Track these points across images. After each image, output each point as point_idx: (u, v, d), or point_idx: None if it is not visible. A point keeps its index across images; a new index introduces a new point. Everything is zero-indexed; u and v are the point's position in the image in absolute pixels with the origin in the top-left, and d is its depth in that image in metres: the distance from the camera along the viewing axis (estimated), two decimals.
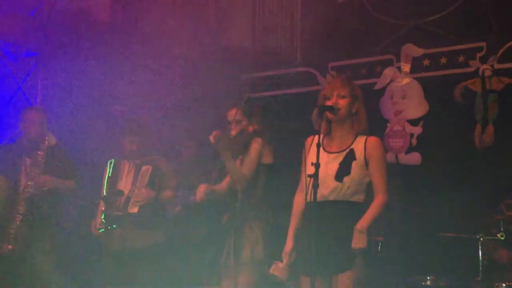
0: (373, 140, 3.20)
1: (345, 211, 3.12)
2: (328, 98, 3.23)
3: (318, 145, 3.12)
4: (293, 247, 3.23)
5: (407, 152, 5.00)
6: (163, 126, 4.94)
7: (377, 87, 5.21)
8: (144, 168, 4.21)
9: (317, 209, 3.08)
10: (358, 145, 3.17)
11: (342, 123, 3.23)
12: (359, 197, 3.16)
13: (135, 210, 4.03)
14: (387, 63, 5.22)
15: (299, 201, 3.30)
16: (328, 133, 3.27)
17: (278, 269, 3.16)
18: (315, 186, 3.04)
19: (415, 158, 4.94)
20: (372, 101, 5.17)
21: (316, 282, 2.92)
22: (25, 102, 5.37)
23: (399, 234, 4.49)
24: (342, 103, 3.20)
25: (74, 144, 4.81)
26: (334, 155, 3.19)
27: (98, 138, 5.07)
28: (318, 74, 5.59)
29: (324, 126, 3.22)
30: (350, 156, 3.16)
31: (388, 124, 5.11)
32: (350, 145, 3.18)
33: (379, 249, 4.10)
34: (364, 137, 3.21)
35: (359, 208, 3.14)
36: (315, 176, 3.05)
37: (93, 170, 4.60)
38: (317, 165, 3.06)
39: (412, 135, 4.99)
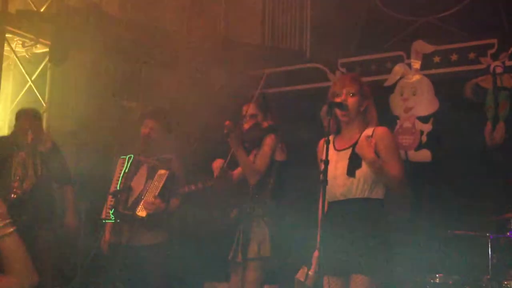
0: (381, 129, 3.14)
1: (363, 209, 3.06)
2: (338, 95, 3.21)
3: (327, 142, 3.10)
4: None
5: (417, 149, 4.98)
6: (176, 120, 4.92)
7: (387, 83, 5.19)
8: (161, 172, 4.01)
9: (332, 208, 3.06)
10: (364, 136, 3.11)
11: (351, 121, 3.20)
12: (378, 193, 3.08)
13: (143, 214, 3.93)
14: (397, 60, 5.19)
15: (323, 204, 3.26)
16: (338, 132, 3.25)
17: (305, 274, 3.10)
18: (324, 183, 3.02)
19: (425, 155, 4.92)
20: (382, 98, 5.17)
21: (331, 281, 2.90)
22: (35, 97, 5.40)
23: (407, 231, 4.46)
24: (351, 100, 3.18)
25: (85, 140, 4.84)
26: (343, 152, 3.16)
27: (109, 133, 5.08)
28: (327, 71, 5.57)
29: (332, 123, 3.20)
30: None
31: (398, 121, 5.10)
32: (358, 139, 3.15)
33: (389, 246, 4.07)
34: (373, 128, 3.17)
35: (379, 205, 3.08)
36: (324, 172, 3.03)
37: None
38: (325, 162, 3.04)
39: (422, 132, 4.97)
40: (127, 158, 4.17)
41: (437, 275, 4.08)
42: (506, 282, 3.65)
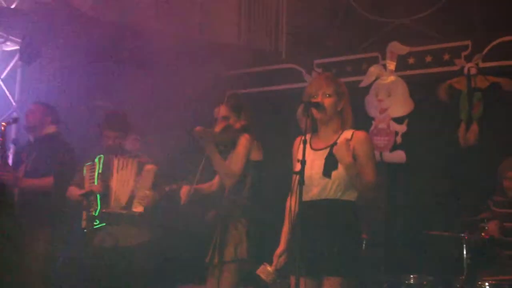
0: (360, 133, 3.14)
1: (336, 210, 3.07)
2: (314, 97, 3.19)
3: (305, 142, 3.08)
4: (284, 250, 3.18)
5: (391, 150, 4.99)
6: (149, 122, 4.86)
7: (362, 84, 5.20)
8: (148, 167, 4.08)
9: (308, 208, 3.05)
10: (343, 138, 3.10)
11: (328, 121, 3.19)
12: (351, 195, 3.08)
13: (140, 209, 3.95)
14: (373, 61, 5.21)
15: (292, 202, 3.25)
16: (315, 132, 3.23)
17: (265, 271, 3.11)
18: (301, 183, 3.00)
19: (399, 156, 4.94)
20: (358, 99, 5.18)
21: (305, 283, 2.88)
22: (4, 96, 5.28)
23: (383, 232, 4.48)
24: (328, 101, 3.16)
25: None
26: (320, 151, 3.15)
27: (82, 133, 4.99)
28: (303, 71, 5.56)
29: (309, 123, 3.18)
30: None
31: (373, 122, 5.10)
32: (336, 140, 3.14)
33: (364, 247, 4.08)
34: (351, 131, 3.16)
35: (352, 208, 3.09)
36: (301, 173, 3.01)
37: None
38: (302, 162, 3.03)
39: (397, 133, 4.98)
40: (97, 159, 4.13)
41: (411, 276, 4.09)
42: (480, 283, 3.67)
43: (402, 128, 4.97)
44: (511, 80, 4.53)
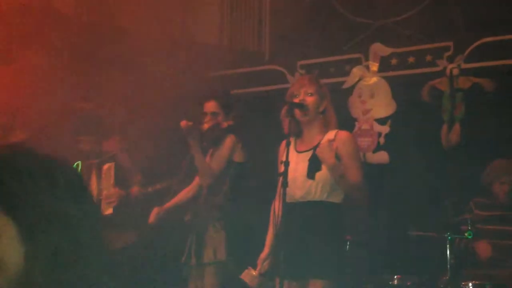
0: (344, 133, 3.14)
1: (321, 212, 3.05)
2: (296, 96, 3.19)
3: (288, 143, 3.08)
4: (268, 254, 3.15)
5: (375, 151, 4.99)
6: (128, 124, 4.81)
7: (345, 85, 5.20)
8: (106, 166, 4.06)
9: (292, 210, 3.03)
10: (326, 139, 3.11)
11: (311, 122, 3.18)
12: (336, 197, 3.07)
13: (109, 211, 3.88)
14: (356, 62, 5.21)
15: (278, 205, 3.23)
16: (299, 135, 3.22)
17: (249, 276, 3.08)
18: (284, 184, 2.99)
19: (382, 157, 4.94)
20: (341, 100, 5.17)
21: (289, 286, 2.86)
22: None
23: (367, 233, 4.47)
24: (310, 100, 3.16)
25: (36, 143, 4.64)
26: (304, 154, 3.14)
27: (61, 138, 4.91)
28: (286, 72, 5.55)
29: (292, 124, 3.17)
30: None
31: (356, 123, 5.10)
32: (319, 141, 3.13)
33: (347, 248, 4.06)
34: (334, 131, 3.15)
35: (336, 210, 3.07)
36: (284, 174, 3.00)
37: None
38: (286, 163, 3.02)
39: (380, 134, 4.99)
40: (74, 166, 4.08)
41: (395, 277, 4.08)
42: (464, 283, 3.67)
43: (385, 129, 4.97)
44: (493, 81, 4.55)
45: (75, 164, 4.13)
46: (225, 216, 3.66)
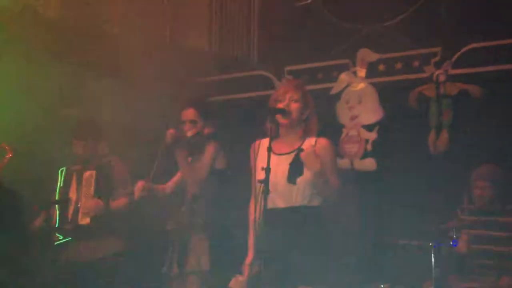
0: (323, 140, 3.13)
1: (304, 217, 3.02)
2: (280, 101, 3.15)
3: (269, 149, 3.03)
4: (253, 259, 3.10)
5: (362, 158, 4.95)
6: (115, 129, 4.74)
7: (333, 91, 5.16)
8: (87, 174, 3.94)
9: (275, 215, 2.99)
10: (308, 145, 3.08)
11: (292, 128, 3.15)
12: (316, 201, 3.05)
13: (86, 221, 3.78)
14: (343, 68, 5.17)
15: (253, 210, 3.19)
16: (276, 137, 3.18)
17: (237, 283, 3.03)
18: (265, 192, 2.95)
19: (370, 163, 4.90)
20: (329, 106, 5.14)
21: None
22: None
23: (354, 241, 4.42)
24: (294, 106, 3.13)
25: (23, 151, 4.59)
26: (284, 156, 3.11)
27: (50, 144, 4.84)
28: (274, 78, 5.51)
29: (273, 129, 3.14)
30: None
31: (344, 129, 5.06)
32: (300, 145, 3.11)
33: (334, 254, 4.00)
34: (314, 138, 3.14)
35: (317, 213, 3.04)
36: (266, 181, 2.96)
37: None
38: (267, 170, 2.97)
39: (367, 140, 4.94)
40: (59, 172, 4.02)
41: (382, 285, 4.04)
42: None
43: (372, 135, 4.93)
44: (480, 87, 4.52)
45: (60, 170, 4.05)
46: (208, 224, 3.60)
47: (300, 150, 3.06)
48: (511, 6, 4.49)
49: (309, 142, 3.10)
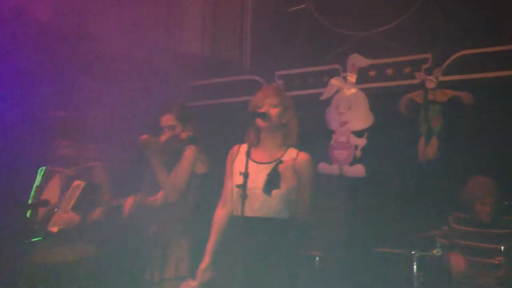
0: (304, 155, 3.07)
1: (276, 228, 2.97)
2: (259, 107, 3.10)
3: (248, 153, 2.98)
4: (208, 264, 3.06)
5: (351, 164, 4.88)
6: (100, 130, 4.69)
7: (323, 97, 5.10)
8: (75, 183, 3.81)
9: (245, 224, 2.93)
10: (289, 157, 3.02)
11: (272, 134, 3.09)
12: (285, 214, 2.99)
13: (54, 229, 3.68)
14: (334, 73, 5.12)
15: (221, 215, 3.16)
16: (256, 144, 3.12)
17: (188, 286, 2.99)
18: (243, 197, 2.89)
19: (358, 170, 4.83)
20: (319, 111, 5.09)
21: None
22: None
23: (340, 249, 4.36)
24: (273, 112, 3.07)
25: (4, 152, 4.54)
26: (263, 165, 3.04)
27: (32, 145, 4.80)
28: (264, 83, 5.46)
29: (253, 134, 3.09)
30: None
31: (333, 135, 5.00)
32: (280, 157, 3.04)
33: (316, 265, 3.96)
34: (296, 151, 3.08)
35: (285, 225, 2.99)
36: (243, 186, 2.90)
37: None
38: (245, 175, 2.92)
39: (356, 146, 4.89)
40: (40, 171, 3.95)
41: None
42: None
43: (361, 141, 4.87)
44: (471, 94, 4.46)
45: (40, 169, 3.98)
46: (189, 230, 3.55)
47: (280, 161, 3.00)
48: (502, 13, 4.44)
49: (290, 155, 3.04)
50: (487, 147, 4.31)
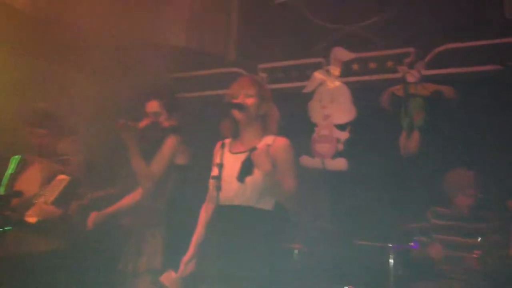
0: (282, 140, 3.00)
1: (250, 218, 2.90)
2: (235, 97, 3.07)
3: (223, 145, 2.97)
4: (192, 256, 3.03)
5: (333, 157, 4.87)
6: (81, 124, 4.65)
7: (306, 90, 5.09)
8: (60, 177, 3.76)
9: (221, 213, 2.91)
10: (263, 144, 2.97)
11: (249, 125, 3.05)
12: (266, 204, 2.92)
13: (32, 220, 3.63)
14: (317, 66, 5.10)
15: (208, 208, 3.12)
16: (236, 136, 3.09)
17: (169, 278, 2.95)
18: (217, 188, 2.88)
19: (340, 163, 4.82)
20: (302, 104, 5.07)
21: None
22: None
23: (320, 242, 4.35)
24: (249, 102, 3.04)
25: None
26: (238, 155, 3.01)
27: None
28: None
29: (229, 126, 3.06)
30: None
31: (316, 129, 4.99)
32: (256, 144, 3.00)
33: (295, 257, 3.94)
34: (272, 137, 3.02)
35: (267, 217, 2.93)
36: (218, 177, 2.89)
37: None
38: (219, 166, 2.91)
39: (339, 140, 4.87)
40: (13, 159, 3.90)
41: (345, 287, 3.97)
42: None
43: (344, 135, 4.86)
44: (453, 88, 4.46)
45: (14, 157, 3.92)
46: (165, 222, 3.50)
47: (254, 149, 2.95)
48: (484, 8, 4.44)
49: (266, 141, 3.00)
50: (468, 141, 4.31)
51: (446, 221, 4.01)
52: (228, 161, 2.96)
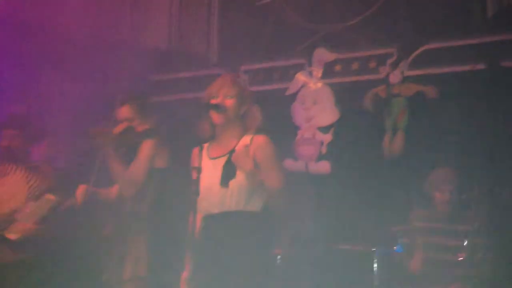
0: (260, 137, 2.90)
1: (240, 223, 2.81)
2: (214, 97, 2.98)
3: (201, 148, 2.88)
4: (191, 273, 2.89)
5: (317, 160, 4.80)
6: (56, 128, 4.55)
7: (288, 92, 5.01)
8: (47, 197, 3.65)
9: (209, 222, 2.83)
10: (241, 144, 2.88)
11: (228, 126, 2.96)
12: (254, 205, 2.83)
13: (12, 236, 3.51)
14: (300, 68, 5.03)
15: (195, 218, 3.01)
16: (213, 139, 3.00)
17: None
18: (195, 193, 2.78)
19: (324, 166, 4.75)
20: (285, 107, 5.00)
21: None
22: None
23: (302, 247, 4.27)
24: (229, 102, 2.95)
25: None
26: (218, 160, 2.92)
27: None
28: None
29: (206, 127, 2.97)
30: None
31: (299, 131, 4.91)
32: (234, 146, 2.92)
33: (278, 263, 3.86)
34: (250, 136, 2.93)
35: (255, 219, 2.85)
36: (196, 182, 2.79)
37: None
38: (198, 169, 2.81)
39: (322, 142, 4.80)
40: None
41: None
42: None
43: (327, 137, 4.79)
44: (436, 88, 4.41)
45: None
46: (148, 227, 3.41)
47: (233, 151, 2.87)
48: (467, 7, 4.40)
49: (244, 142, 2.91)
50: (451, 141, 4.26)
51: (428, 223, 3.95)
52: (209, 167, 2.87)
